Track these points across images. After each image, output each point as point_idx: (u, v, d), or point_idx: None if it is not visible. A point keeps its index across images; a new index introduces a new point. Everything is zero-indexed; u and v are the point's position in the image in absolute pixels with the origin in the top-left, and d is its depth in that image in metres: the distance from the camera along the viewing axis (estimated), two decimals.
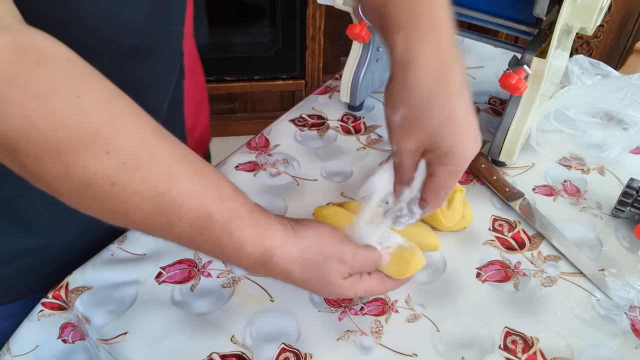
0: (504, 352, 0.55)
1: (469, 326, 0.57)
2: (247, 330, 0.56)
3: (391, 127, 0.48)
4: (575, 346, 0.56)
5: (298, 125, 0.81)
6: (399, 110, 0.46)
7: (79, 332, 0.61)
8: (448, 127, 0.46)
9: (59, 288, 0.59)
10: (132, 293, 0.59)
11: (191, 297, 0.58)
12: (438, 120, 0.45)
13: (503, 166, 0.75)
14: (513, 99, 0.70)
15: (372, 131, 0.81)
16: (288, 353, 0.54)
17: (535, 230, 0.67)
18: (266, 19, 1.87)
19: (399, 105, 0.46)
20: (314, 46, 1.91)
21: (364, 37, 0.75)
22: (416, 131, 0.46)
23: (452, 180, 0.49)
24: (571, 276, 0.62)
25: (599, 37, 1.83)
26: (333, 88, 0.88)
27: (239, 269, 0.61)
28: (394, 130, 0.48)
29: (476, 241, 0.66)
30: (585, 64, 0.86)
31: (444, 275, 0.62)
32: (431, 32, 0.45)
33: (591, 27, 0.64)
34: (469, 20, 0.77)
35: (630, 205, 0.67)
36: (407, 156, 0.48)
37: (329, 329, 0.56)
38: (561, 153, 0.78)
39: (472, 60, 0.95)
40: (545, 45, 0.67)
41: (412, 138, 0.47)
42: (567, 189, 0.73)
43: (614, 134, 0.78)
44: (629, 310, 0.59)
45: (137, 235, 0.64)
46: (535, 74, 0.67)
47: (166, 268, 0.61)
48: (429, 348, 0.55)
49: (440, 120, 0.45)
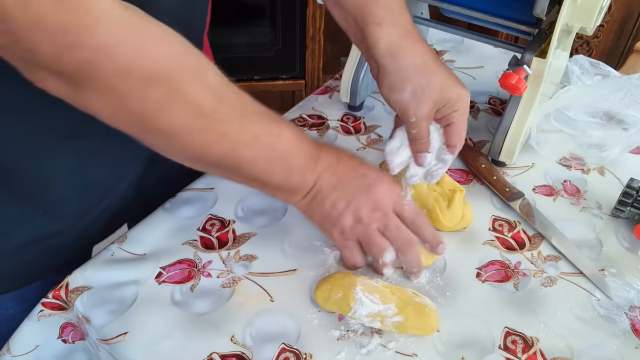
0: (504, 352, 0.55)
1: (469, 326, 0.57)
2: (247, 330, 0.56)
3: (402, 105, 0.57)
4: (575, 346, 0.56)
5: (298, 125, 0.81)
6: (406, 89, 0.56)
7: (79, 332, 0.61)
8: (448, 83, 0.57)
9: (59, 288, 0.59)
10: (132, 293, 0.59)
11: (191, 297, 0.58)
12: (439, 82, 0.57)
13: (503, 166, 0.75)
14: (513, 99, 0.70)
15: (372, 131, 0.81)
16: (288, 353, 0.54)
17: (535, 230, 0.67)
18: (266, 19, 1.87)
19: (405, 85, 0.56)
20: (314, 46, 1.91)
21: None
22: (427, 97, 0.56)
23: (465, 120, 0.60)
24: (571, 276, 0.62)
25: (599, 37, 1.83)
26: (333, 88, 0.88)
27: (239, 269, 0.61)
28: (407, 106, 0.57)
29: (476, 241, 0.66)
30: (585, 64, 0.86)
31: (444, 275, 0.62)
32: (406, 25, 0.58)
33: (591, 27, 0.64)
34: (469, 20, 0.77)
35: (630, 205, 0.67)
36: (425, 121, 0.58)
37: (329, 329, 0.56)
38: (561, 153, 0.77)
39: (472, 60, 0.95)
40: (545, 45, 0.67)
41: (427, 103, 0.56)
42: (567, 189, 0.73)
43: (614, 134, 0.78)
44: (629, 310, 0.59)
45: (137, 235, 0.64)
46: (535, 74, 0.67)
47: (166, 268, 0.61)
48: (429, 348, 0.55)
49: (440, 81, 0.57)
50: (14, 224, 0.58)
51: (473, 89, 0.89)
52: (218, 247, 0.63)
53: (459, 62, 0.95)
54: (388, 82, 0.57)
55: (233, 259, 0.62)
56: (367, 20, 0.57)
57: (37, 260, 0.63)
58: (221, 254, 0.63)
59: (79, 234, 0.64)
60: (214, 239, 0.64)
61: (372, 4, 0.57)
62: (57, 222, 0.61)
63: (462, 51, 0.97)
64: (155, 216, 0.67)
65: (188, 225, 0.66)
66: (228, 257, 0.62)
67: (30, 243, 0.60)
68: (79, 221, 0.63)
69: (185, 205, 0.68)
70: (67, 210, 0.61)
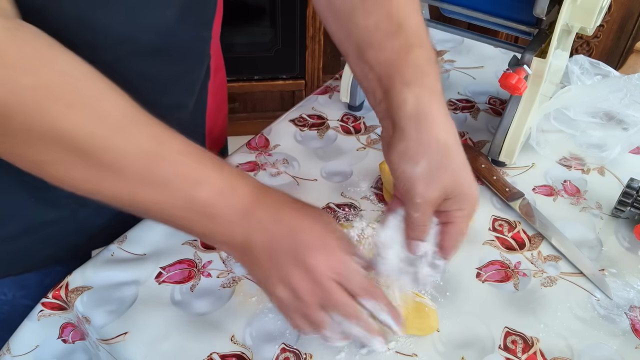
0: (504, 352, 0.55)
1: (469, 326, 0.57)
2: (247, 330, 0.56)
3: (411, 180, 0.48)
4: (575, 346, 0.56)
5: (298, 125, 0.81)
6: (420, 162, 0.47)
7: (79, 332, 0.61)
8: (464, 174, 0.49)
9: (59, 288, 0.59)
10: (132, 293, 0.59)
11: (191, 297, 0.58)
12: (456, 168, 0.48)
13: (503, 166, 0.75)
14: (513, 99, 0.70)
15: (372, 131, 0.81)
16: (288, 353, 0.54)
17: (535, 230, 0.67)
18: (266, 19, 1.87)
19: (420, 158, 0.47)
20: (314, 46, 1.91)
21: None
22: (440, 180, 0.48)
23: (467, 225, 0.51)
24: (571, 276, 0.62)
25: (599, 37, 1.83)
26: (333, 88, 0.88)
27: (239, 268, 0.61)
28: (416, 182, 0.48)
29: (476, 241, 0.66)
30: (585, 64, 0.86)
31: (444, 275, 0.61)
32: (436, 89, 0.49)
33: (591, 27, 0.64)
34: (469, 20, 0.77)
35: (630, 205, 0.67)
36: (430, 207, 0.49)
37: None
38: (561, 153, 0.78)
39: (472, 60, 0.95)
40: (545, 45, 0.67)
41: (437, 186, 0.48)
42: (567, 189, 0.73)
43: (614, 134, 0.78)
44: (629, 310, 0.59)
45: (137, 235, 0.64)
46: (535, 74, 0.67)
47: (166, 268, 0.61)
48: (429, 348, 0.55)
49: (458, 166, 0.48)
50: (12, 210, 0.58)
51: (473, 89, 0.89)
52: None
53: (459, 62, 0.95)
54: (402, 147, 0.48)
55: (233, 259, 0.62)
56: (394, 80, 0.49)
57: (36, 249, 0.63)
58: (221, 253, 0.63)
59: (77, 225, 0.64)
60: None
61: (402, 63, 0.49)
62: (55, 210, 0.61)
63: (462, 51, 0.97)
64: None
65: None
66: (228, 257, 0.62)
67: (28, 230, 0.61)
68: (78, 211, 0.63)
69: None
70: (66, 199, 0.60)
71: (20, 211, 0.59)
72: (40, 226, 0.61)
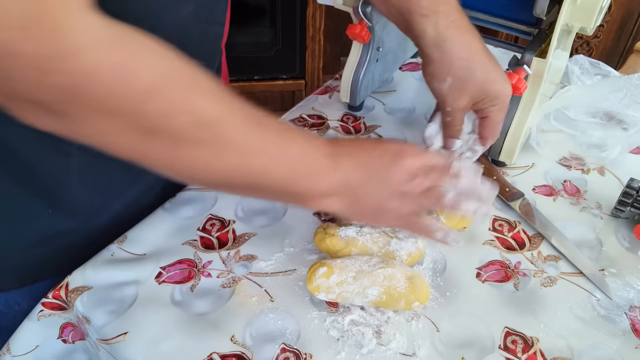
0: (504, 352, 0.55)
1: (469, 326, 0.57)
2: (247, 330, 0.56)
3: (441, 94, 0.59)
4: (575, 346, 0.56)
5: (298, 125, 0.81)
6: (447, 80, 0.58)
7: (79, 332, 0.61)
8: (490, 78, 0.58)
9: (59, 288, 0.59)
10: (132, 293, 0.59)
11: (191, 297, 0.58)
12: (480, 76, 0.58)
13: (503, 166, 0.75)
14: (513, 99, 0.70)
15: (372, 131, 0.81)
16: (288, 353, 0.54)
17: (535, 230, 0.67)
18: (266, 19, 1.87)
19: (446, 76, 0.58)
20: (314, 46, 1.91)
21: (364, 37, 0.75)
22: (466, 90, 0.58)
23: (503, 116, 0.61)
24: (571, 276, 0.62)
25: (599, 37, 1.83)
26: (333, 88, 0.88)
27: (239, 269, 0.61)
28: (446, 96, 0.59)
29: (476, 241, 0.66)
30: (585, 64, 0.86)
31: (444, 275, 0.62)
32: (453, 13, 0.57)
33: (591, 27, 0.64)
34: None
35: (630, 205, 0.67)
36: (460, 113, 0.60)
37: (329, 329, 0.56)
38: (561, 153, 0.78)
39: None
40: (545, 45, 0.67)
41: (464, 96, 0.58)
42: (567, 189, 0.73)
43: (614, 134, 0.78)
44: (629, 310, 0.59)
45: (137, 235, 0.64)
46: (535, 74, 0.67)
47: (166, 268, 0.61)
48: (429, 348, 0.55)
49: (482, 76, 0.58)
50: (28, 221, 0.59)
51: None
52: (218, 247, 0.63)
53: None
54: (431, 70, 0.59)
55: (233, 259, 0.62)
56: (413, 12, 0.57)
57: (49, 258, 0.63)
58: (221, 254, 0.63)
59: (91, 233, 0.64)
60: (214, 239, 0.64)
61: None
62: (70, 220, 0.61)
63: None
64: (155, 216, 0.67)
65: (188, 225, 0.66)
66: (228, 257, 0.62)
67: (43, 240, 0.61)
68: (92, 220, 0.63)
69: (186, 205, 0.68)
70: (80, 209, 0.61)
71: (36, 221, 0.59)
72: (56, 236, 0.62)
